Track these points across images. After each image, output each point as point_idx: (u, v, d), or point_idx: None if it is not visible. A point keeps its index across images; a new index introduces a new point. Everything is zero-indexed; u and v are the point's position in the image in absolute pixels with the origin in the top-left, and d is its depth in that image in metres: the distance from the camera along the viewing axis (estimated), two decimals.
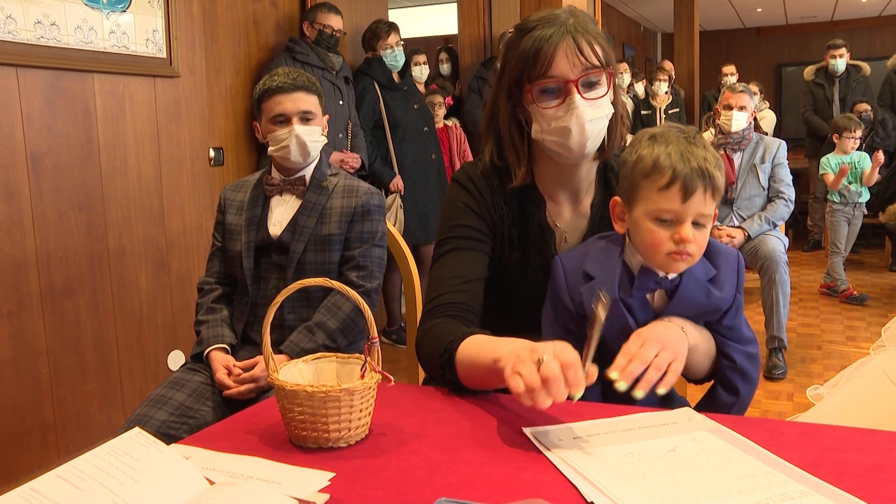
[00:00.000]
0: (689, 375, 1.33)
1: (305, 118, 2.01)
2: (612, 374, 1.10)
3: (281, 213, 2.07)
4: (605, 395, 1.23)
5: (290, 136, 1.99)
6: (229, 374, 1.92)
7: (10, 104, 2.54)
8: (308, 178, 2.07)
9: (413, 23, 8.51)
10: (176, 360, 3.17)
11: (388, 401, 1.20)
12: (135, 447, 0.88)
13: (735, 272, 1.27)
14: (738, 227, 3.93)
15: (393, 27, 4.23)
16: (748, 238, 3.89)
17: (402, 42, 4.25)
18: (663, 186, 1.17)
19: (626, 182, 1.23)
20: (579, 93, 1.29)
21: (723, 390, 1.31)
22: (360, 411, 1.05)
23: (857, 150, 5.34)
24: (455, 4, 5.83)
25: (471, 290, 1.38)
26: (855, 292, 5.26)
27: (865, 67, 6.79)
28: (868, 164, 5.26)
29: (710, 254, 1.26)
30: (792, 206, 4.00)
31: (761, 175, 3.98)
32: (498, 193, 1.43)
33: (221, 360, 1.96)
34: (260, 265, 2.05)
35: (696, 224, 1.18)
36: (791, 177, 4.07)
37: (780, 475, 0.93)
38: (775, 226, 3.94)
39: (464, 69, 5.49)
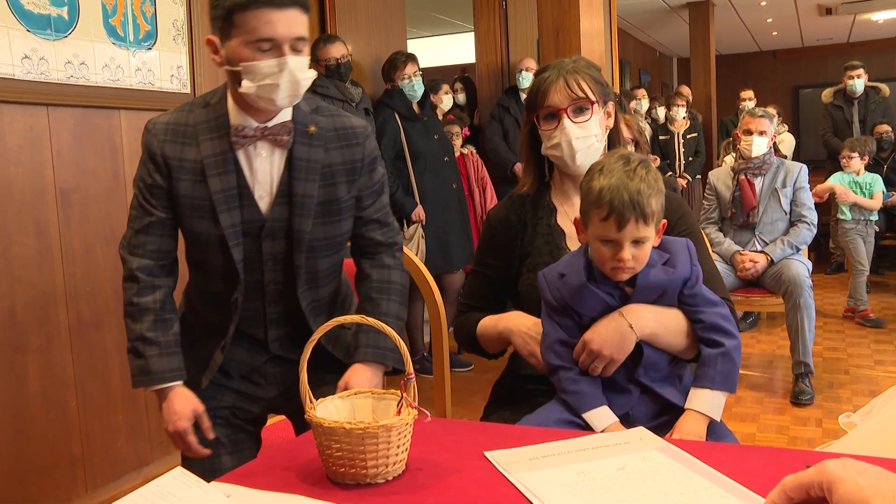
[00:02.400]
0: (673, 353, 1.49)
1: (297, 47, 1.50)
2: None
3: (264, 175, 1.59)
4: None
5: (283, 71, 1.47)
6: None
7: (41, 142, 2.59)
8: (290, 122, 1.59)
9: (430, 52, 8.60)
10: None
11: (423, 435, 1.20)
12: (178, 486, 0.89)
13: (685, 250, 1.47)
14: (761, 251, 3.91)
15: (411, 58, 4.27)
16: (771, 262, 3.86)
17: (420, 72, 4.29)
18: (603, 218, 1.39)
19: (582, 206, 1.46)
20: (568, 117, 1.64)
21: (705, 346, 1.45)
22: (398, 447, 1.06)
23: (875, 170, 5.36)
24: (472, 34, 5.88)
25: (487, 307, 1.75)
26: (871, 315, 5.21)
27: (884, 89, 6.77)
28: (879, 187, 5.28)
29: (662, 246, 1.48)
30: (815, 230, 3.97)
31: (783, 199, 3.96)
32: (514, 209, 1.76)
33: (190, 405, 1.55)
34: (246, 250, 1.61)
35: (636, 242, 1.39)
36: (813, 200, 4.06)
37: (721, 491, 0.99)
38: (798, 250, 3.92)
39: (482, 98, 5.53)
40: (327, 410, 1.12)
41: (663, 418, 1.46)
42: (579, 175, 1.64)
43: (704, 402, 1.41)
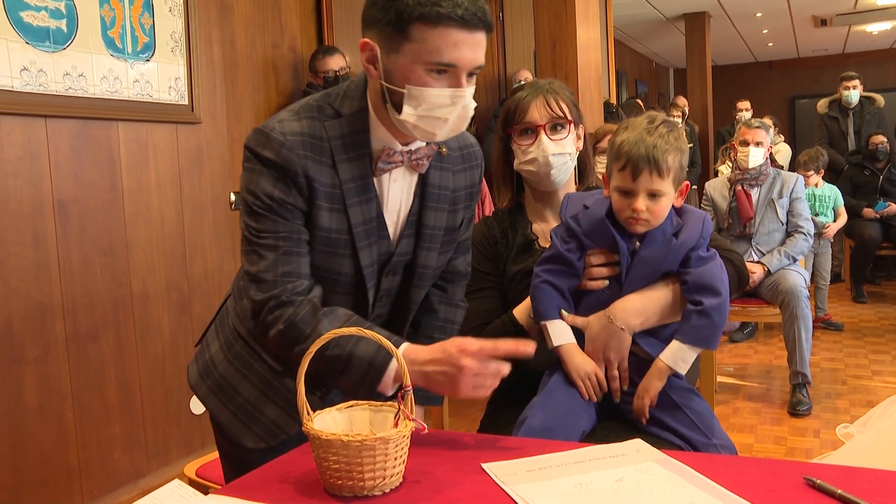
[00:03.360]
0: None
1: (473, 76, 1.30)
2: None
3: (395, 203, 1.40)
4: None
5: (456, 104, 1.27)
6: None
7: (39, 153, 2.59)
8: (434, 145, 1.39)
9: None
10: (198, 403, 3.17)
11: (421, 447, 1.20)
12: (175, 499, 0.89)
13: (701, 222, 1.51)
14: (758, 262, 3.92)
15: None
16: (768, 273, 3.87)
17: None
18: (620, 168, 1.47)
19: (608, 161, 1.53)
20: (546, 134, 1.68)
21: (689, 304, 1.49)
22: (395, 459, 1.06)
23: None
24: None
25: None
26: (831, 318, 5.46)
27: (879, 99, 6.80)
28: (839, 201, 5.46)
29: (681, 212, 1.54)
30: (811, 241, 3.99)
31: (779, 210, 3.98)
32: (494, 224, 1.80)
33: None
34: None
35: (652, 196, 1.45)
36: (809, 211, 4.07)
37: (719, 503, 0.99)
38: (795, 260, 3.93)
39: (478, 109, 5.50)
40: (324, 422, 1.12)
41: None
42: (552, 192, 1.75)
43: (669, 354, 1.48)
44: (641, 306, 1.49)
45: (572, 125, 1.71)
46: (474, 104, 1.31)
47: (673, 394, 1.50)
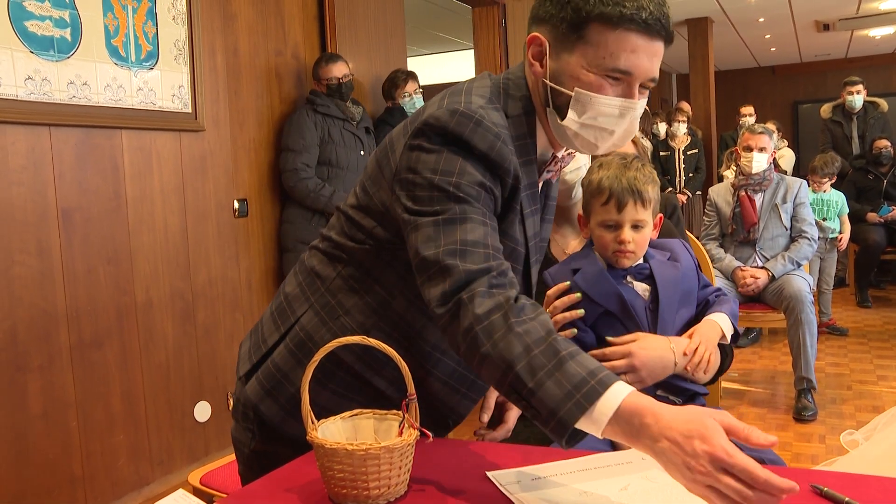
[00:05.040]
0: None
1: (647, 89, 1.19)
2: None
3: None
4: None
5: (625, 117, 1.17)
6: None
7: (44, 162, 2.60)
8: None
9: (431, 70, 8.64)
10: (203, 411, 3.18)
11: (425, 456, 1.20)
12: None
13: (681, 245, 1.62)
14: (762, 267, 3.91)
15: (411, 75, 4.30)
16: (772, 278, 3.86)
17: (420, 90, 4.31)
18: (604, 202, 1.53)
19: (584, 200, 1.59)
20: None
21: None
22: (400, 468, 1.06)
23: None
24: (472, 51, 5.92)
25: None
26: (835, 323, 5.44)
27: (883, 104, 6.79)
28: (844, 208, 5.46)
29: (659, 246, 1.62)
30: (815, 245, 3.98)
31: (783, 215, 3.97)
32: None
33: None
34: None
35: (636, 227, 1.52)
36: (813, 216, 4.06)
37: None
38: (799, 265, 3.92)
39: None
40: (329, 431, 1.12)
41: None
42: (570, 206, 1.81)
43: (717, 317, 1.55)
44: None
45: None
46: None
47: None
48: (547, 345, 1.01)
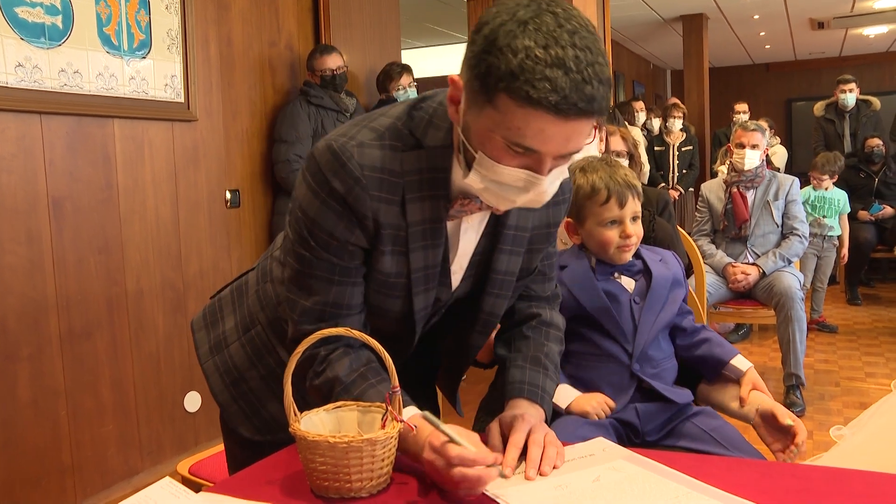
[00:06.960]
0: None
1: (566, 158, 1.07)
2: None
3: (467, 244, 1.26)
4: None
5: (528, 191, 1.07)
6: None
7: (34, 150, 2.59)
8: None
9: (425, 63, 8.62)
10: (193, 401, 3.18)
11: None
12: (166, 496, 0.89)
13: (676, 261, 1.69)
14: (753, 264, 3.93)
15: (406, 68, 4.29)
16: (763, 275, 3.88)
17: (414, 83, 4.31)
18: (603, 202, 1.59)
19: (573, 207, 1.60)
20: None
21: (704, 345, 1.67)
22: (383, 461, 1.06)
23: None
24: (466, 45, 5.91)
25: None
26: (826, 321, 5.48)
27: (875, 102, 6.81)
28: (845, 207, 5.44)
29: (651, 250, 1.69)
30: (806, 243, 4.00)
31: (775, 212, 3.98)
32: None
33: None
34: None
35: (634, 219, 1.60)
36: (805, 213, 4.08)
37: (702, 496, 1.00)
38: (790, 262, 3.93)
39: None
40: (312, 423, 1.12)
41: (669, 427, 1.55)
42: None
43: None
44: None
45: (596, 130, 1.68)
46: (556, 187, 1.10)
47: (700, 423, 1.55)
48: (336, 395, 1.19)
